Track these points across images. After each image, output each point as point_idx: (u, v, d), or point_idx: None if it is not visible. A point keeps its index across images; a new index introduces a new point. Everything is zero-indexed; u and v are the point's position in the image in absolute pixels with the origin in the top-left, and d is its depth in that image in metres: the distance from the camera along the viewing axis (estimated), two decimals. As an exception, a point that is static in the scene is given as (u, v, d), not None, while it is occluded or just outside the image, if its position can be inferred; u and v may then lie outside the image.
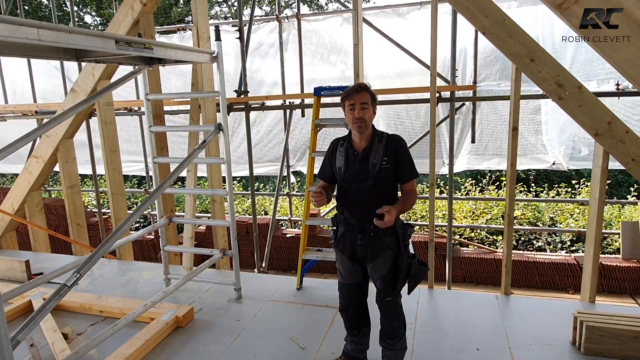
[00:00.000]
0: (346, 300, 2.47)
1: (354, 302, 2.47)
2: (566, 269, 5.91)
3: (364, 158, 2.27)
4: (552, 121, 5.72)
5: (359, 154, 2.29)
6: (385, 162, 2.23)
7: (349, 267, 2.39)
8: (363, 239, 2.27)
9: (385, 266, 2.28)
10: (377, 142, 2.27)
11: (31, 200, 5.20)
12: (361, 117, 2.21)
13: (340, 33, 6.51)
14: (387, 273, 2.29)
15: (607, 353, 2.61)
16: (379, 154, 2.24)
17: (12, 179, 11.74)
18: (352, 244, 2.33)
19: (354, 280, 2.41)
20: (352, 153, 2.31)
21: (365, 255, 2.31)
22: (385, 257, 2.27)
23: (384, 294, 2.33)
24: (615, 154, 3.05)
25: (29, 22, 1.84)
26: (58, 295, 2.13)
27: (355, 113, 2.21)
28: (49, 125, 2.50)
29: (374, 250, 2.27)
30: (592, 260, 3.31)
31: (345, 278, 2.44)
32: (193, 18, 4.14)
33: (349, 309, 2.48)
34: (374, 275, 2.34)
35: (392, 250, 2.26)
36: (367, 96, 2.23)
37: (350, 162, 2.31)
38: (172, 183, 3.00)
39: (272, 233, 6.59)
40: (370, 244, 2.27)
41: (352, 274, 2.40)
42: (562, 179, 9.36)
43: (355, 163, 2.28)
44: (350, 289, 2.44)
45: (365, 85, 2.28)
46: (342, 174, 2.32)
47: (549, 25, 5.36)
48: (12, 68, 8.08)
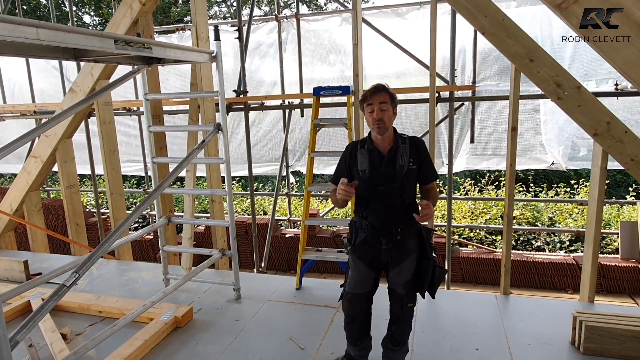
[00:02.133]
0: (354, 310, 2.37)
1: (362, 312, 2.38)
2: (565, 269, 5.92)
3: (391, 159, 2.21)
4: (551, 121, 5.72)
5: (384, 156, 2.23)
6: (412, 163, 2.21)
7: (364, 275, 2.29)
8: (388, 243, 2.22)
9: (410, 270, 2.24)
10: (402, 144, 2.23)
11: (30, 200, 5.19)
12: (380, 118, 2.15)
13: (340, 33, 6.51)
14: (412, 278, 2.25)
15: (606, 353, 2.61)
16: (405, 155, 2.20)
17: (11, 179, 11.71)
18: (375, 250, 2.25)
19: (365, 290, 2.32)
20: (377, 155, 2.24)
21: (389, 261, 2.25)
22: (410, 261, 2.23)
23: (407, 300, 2.27)
24: (614, 153, 3.05)
25: (28, 22, 1.84)
26: (57, 295, 2.12)
27: (374, 114, 2.16)
28: (48, 125, 2.49)
29: (399, 254, 2.22)
30: (591, 260, 3.32)
31: (355, 287, 2.33)
32: (192, 18, 4.13)
33: (356, 319, 2.38)
34: (397, 281, 2.27)
35: (416, 254, 2.24)
36: (386, 96, 2.18)
37: (374, 164, 2.24)
38: (171, 183, 3.00)
39: (271, 233, 6.58)
40: (396, 249, 2.22)
41: (365, 282, 2.31)
42: (561, 179, 9.37)
43: (382, 165, 2.22)
44: (359, 299, 2.34)
45: (383, 85, 2.22)
46: (367, 177, 2.24)
47: (548, 25, 5.36)
48: (11, 68, 8.06)
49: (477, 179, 9.65)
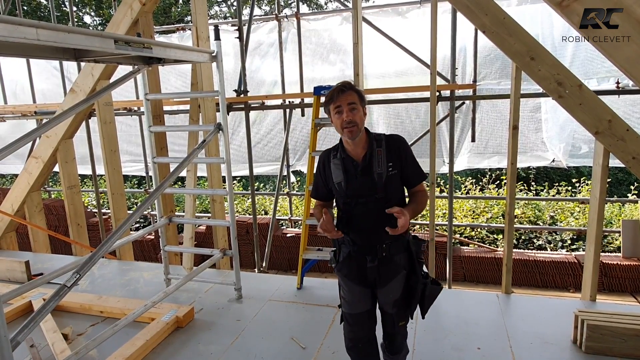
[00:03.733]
0: (355, 333, 2.11)
1: (364, 335, 2.12)
2: (567, 268, 5.91)
3: (366, 168, 1.94)
4: (552, 119, 5.72)
5: (359, 164, 1.96)
6: (391, 167, 1.93)
7: (358, 294, 2.05)
8: (374, 261, 1.96)
9: (398, 289, 2.01)
10: (377, 147, 1.95)
11: (31, 200, 5.19)
12: (351, 120, 1.87)
13: (340, 32, 6.51)
14: (401, 296, 2.03)
15: (608, 352, 2.61)
16: (382, 160, 1.93)
17: (12, 180, 11.73)
18: (360, 268, 2.01)
19: (364, 308, 2.07)
20: (351, 164, 1.97)
21: (377, 279, 2.00)
22: (399, 279, 2.01)
23: (397, 319, 2.07)
24: (616, 152, 3.04)
25: (28, 22, 1.84)
26: (58, 295, 2.12)
27: (343, 116, 1.87)
28: (48, 125, 2.49)
29: (387, 272, 1.99)
30: (592, 258, 3.31)
31: (353, 307, 2.07)
32: (192, 18, 4.13)
33: (359, 343, 2.12)
34: (386, 300, 2.05)
35: (405, 270, 2.01)
36: (354, 95, 1.90)
37: (350, 174, 1.97)
38: (171, 183, 3.00)
39: (272, 233, 6.58)
40: (382, 266, 1.98)
41: (360, 301, 2.07)
42: (563, 178, 9.36)
43: (358, 175, 1.95)
44: (360, 319, 2.08)
45: (350, 83, 1.94)
46: (344, 190, 1.97)
47: (548, 23, 5.36)
48: (13, 68, 8.07)
49: (478, 177, 9.64)
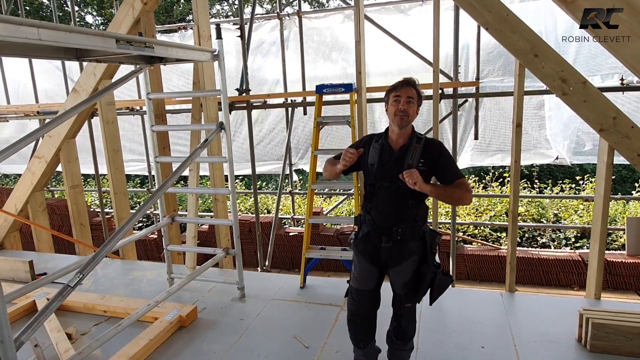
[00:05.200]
0: (357, 308, 2.33)
1: (364, 312, 2.33)
2: (571, 266, 5.88)
3: (400, 157, 2.15)
4: (556, 116, 5.68)
5: (395, 152, 2.17)
6: (422, 164, 2.11)
7: (366, 270, 2.26)
8: (388, 242, 2.16)
9: (409, 272, 2.18)
10: (415, 143, 2.16)
11: (34, 200, 5.20)
12: (405, 110, 2.10)
13: (342, 30, 6.48)
14: (410, 280, 2.19)
15: (613, 350, 2.59)
16: (416, 154, 2.13)
17: (15, 180, 11.78)
18: (375, 246, 2.21)
19: (368, 287, 2.28)
20: (388, 150, 2.19)
21: (388, 259, 2.20)
22: (410, 263, 2.17)
23: (405, 300, 2.24)
24: (621, 149, 3.02)
25: (29, 22, 1.83)
26: (61, 295, 2.13)
27: (400, 105, 2.11)
28: (51, 125, 2.49)
29: (399, 255, 2.17)
30: (597, 256, 3.29)
31: (359, 283, 2.29)
32: (194, 16, 4.12)
33: (358, 318, 2.34)
34: (396, 280, 2.24)
35: (417, 257, 2.16)
36: (414, 92, 2.14)
37: (384, 159, 2.18)
38: (174, 182, 3.00)
39: (275, 232, 6.58)
40: (396, 248, 2.16)
41: (367, 278, 2.27)
42: (566, 175, 9.32)
43: (391, 161, 2.17)
44: (362, 296, 2.30)
45: (414, 80, 2.17)
46: (374, 171, 2.20)
47: (552, 20, 5.32)
48: (15, 68, 8.09)
49: (481, 175, 9.61)
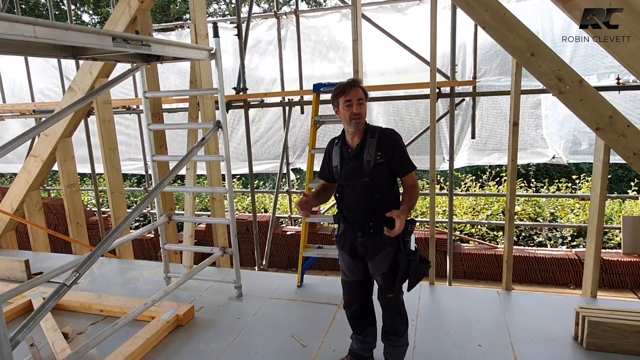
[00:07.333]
0: (349, 296, 2.49)
1: (356, 301, 2.48)
2: (567, 264, 5.91)
3: (358, 154, 2.26)
4: (553, 115, 5.69)
5: (352, 151, 2.29)
6: (379, 157, 2.22)
7: (350, 265, 2.40)
8: (363, 237, 2.28)
9: (385, 263, 2.28)
10: (370, 138, 2.25)
11: (30, 199, 5.18)
12: (359, 113, 2.20)
13: (339, 29, 6.47)
14: (388, 270, 2.29)
15: (609, 348, 2.61)
16: (372, 149, 2.23)
17: (11, 179, 11.71)
18: (352, 242, 2.34)
19: (356, 278, 2.43)
20: (346, 150, 2.32)
21: (365, 253, 2.32)
22: (385, 254, 2.27)
23: (385, 291, 2.35)
24: (617, 148, 3.03)
25: (25, 19, 1.83)
26: (57, 294, 2.12)
27: (353, 109, 2.19)
28: (47, 123, 2.47)
29: (374, 247, 2.28)
30: (593, 255, 3.31)
31: (347, 275, 2.46)
32: (191, 15, 4.11)
33: (352, 305, 2.49)
34: (375, 272, 2.35)
35: (392, 247, 2.25)
36: (361, 92, 2.23)
37: (345, 159, 2.31)
38: (171, 181, 2.99)
39: (272, 230, 6.57)
40: (370, 242, 2.27)
41: (353, 271, 2.42)
42: (562, 175, 9.35)
43: (350, 160, 2.29)
44: (352, 287, 2.46)
45: (359, 80, 2.31)
46: (339, 172, 2.34)
47: (548, 19, 5.33)
48: (11, 67, 8.03)
49: (478, 174, 9.62)
